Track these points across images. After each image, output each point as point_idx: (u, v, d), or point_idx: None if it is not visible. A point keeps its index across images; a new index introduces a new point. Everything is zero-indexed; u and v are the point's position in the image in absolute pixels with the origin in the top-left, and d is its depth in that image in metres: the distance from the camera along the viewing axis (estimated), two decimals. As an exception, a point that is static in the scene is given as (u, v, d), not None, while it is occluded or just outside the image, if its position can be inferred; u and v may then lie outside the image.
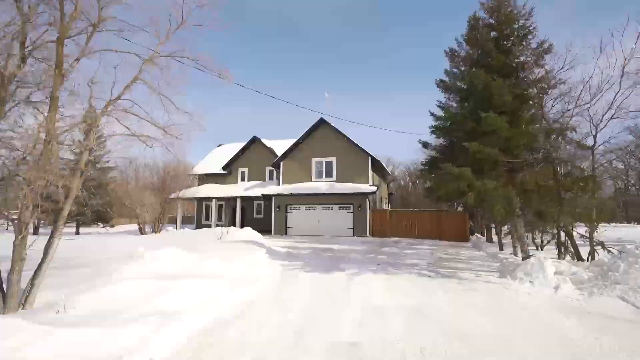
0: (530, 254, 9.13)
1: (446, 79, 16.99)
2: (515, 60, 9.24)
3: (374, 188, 20.35)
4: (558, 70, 9.49)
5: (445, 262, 11.39)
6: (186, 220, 38.09)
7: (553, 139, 8.62)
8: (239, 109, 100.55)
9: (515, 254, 11.07)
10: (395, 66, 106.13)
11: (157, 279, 6.22)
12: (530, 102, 8.56)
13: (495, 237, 17.22)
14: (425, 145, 16.72)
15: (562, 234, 10.57)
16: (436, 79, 16.11)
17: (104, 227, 27.31)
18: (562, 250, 10.38)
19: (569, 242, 10.11)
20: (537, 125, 9.00)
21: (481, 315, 5.63)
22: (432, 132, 17.39)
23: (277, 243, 16.38)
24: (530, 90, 8.97)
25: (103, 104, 6.60)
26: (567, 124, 9.21)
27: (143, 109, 7.46)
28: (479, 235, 19.24)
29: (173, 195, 23.21)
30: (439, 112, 17.38)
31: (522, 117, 8.57)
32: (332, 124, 22.17)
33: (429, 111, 17.31)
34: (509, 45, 9.52)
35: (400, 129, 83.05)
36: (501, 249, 13.23)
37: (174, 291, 5.76)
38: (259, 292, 7.17)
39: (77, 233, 25.33)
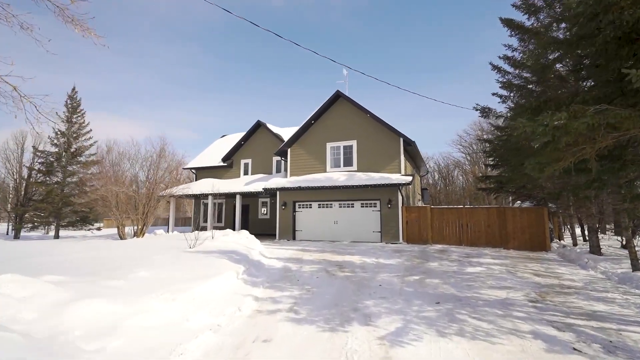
0: None
1: (515, 15, 12.02)
2: None
3: (409, 178, 15.21)
4: None
5: (554, 294, 6.30)
6: (188, 222, 34.30)
7: None
8: (248, 106, 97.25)
9: None
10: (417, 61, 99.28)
11: None
12: None
13: (602, 246, 11.66)
14: (485, 112, 11.56)
15: None
16: (500, 17, 11.00)
17: (89, 230, 23.71)
18: None
19: None
20: None
21: None
22: (508, 82, 12.35)
23: (275, 252, 11.71)
24: None
25: None
26: None
27: None
28: (562, 241, 13.70)
29: (161, 193, 19.16)
30: (505, 66, 12.35)
31: None
32: (352, 99, 17.25)
33: (491, 64, 12.18)
34: None
35: (428, 122, 75.66)
36: (636, 268, 7.89)
37: None
38: None
39: (57, 236, 21.82)
